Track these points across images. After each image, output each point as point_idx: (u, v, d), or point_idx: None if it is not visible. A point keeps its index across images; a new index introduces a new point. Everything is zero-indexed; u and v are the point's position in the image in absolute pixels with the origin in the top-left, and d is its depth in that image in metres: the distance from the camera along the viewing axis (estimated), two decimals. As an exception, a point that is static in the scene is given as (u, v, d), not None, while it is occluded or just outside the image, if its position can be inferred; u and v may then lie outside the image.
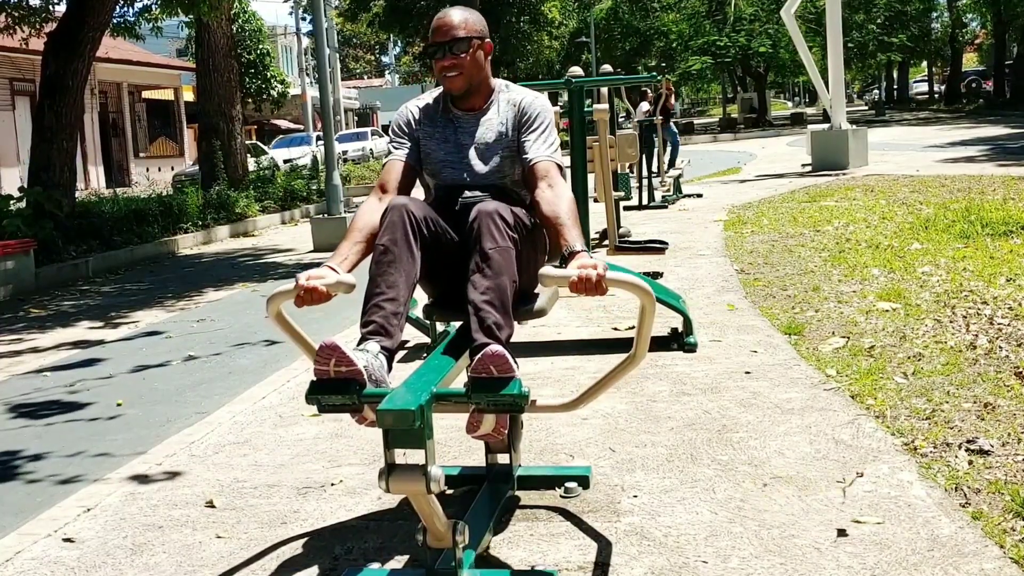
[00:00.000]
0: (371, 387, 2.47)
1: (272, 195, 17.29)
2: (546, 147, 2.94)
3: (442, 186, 3.04)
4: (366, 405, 2.46)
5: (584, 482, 3.27)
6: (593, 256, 2.58)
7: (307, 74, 40.22)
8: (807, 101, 74.24)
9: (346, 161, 27.75)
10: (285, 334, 2.87)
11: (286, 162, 26.69)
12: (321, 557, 2.90)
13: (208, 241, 14.26)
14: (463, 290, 2.69)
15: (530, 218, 2.88)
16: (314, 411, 4.43)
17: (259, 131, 41.23)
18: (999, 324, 4.99)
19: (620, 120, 19.99)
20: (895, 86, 59.59)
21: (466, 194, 2.97)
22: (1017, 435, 3.44)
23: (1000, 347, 4.57)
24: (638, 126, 15.37)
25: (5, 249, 9.64)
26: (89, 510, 3.43)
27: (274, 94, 38.08)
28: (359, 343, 2.59)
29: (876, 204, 10.82)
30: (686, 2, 42.89)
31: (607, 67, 14.22)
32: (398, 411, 2.26)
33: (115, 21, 13.62)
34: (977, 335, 4.82)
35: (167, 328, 7.45)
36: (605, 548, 2.82)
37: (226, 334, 7.04)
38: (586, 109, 8.38)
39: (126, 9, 13.93)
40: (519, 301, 2.79)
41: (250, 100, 36.21)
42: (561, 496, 3.22)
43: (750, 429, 3.77)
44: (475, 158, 3.00)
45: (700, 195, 14.11)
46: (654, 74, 10.82)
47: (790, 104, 75.80)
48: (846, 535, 2.78)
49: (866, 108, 56.35)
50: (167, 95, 32.28)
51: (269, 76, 37.33)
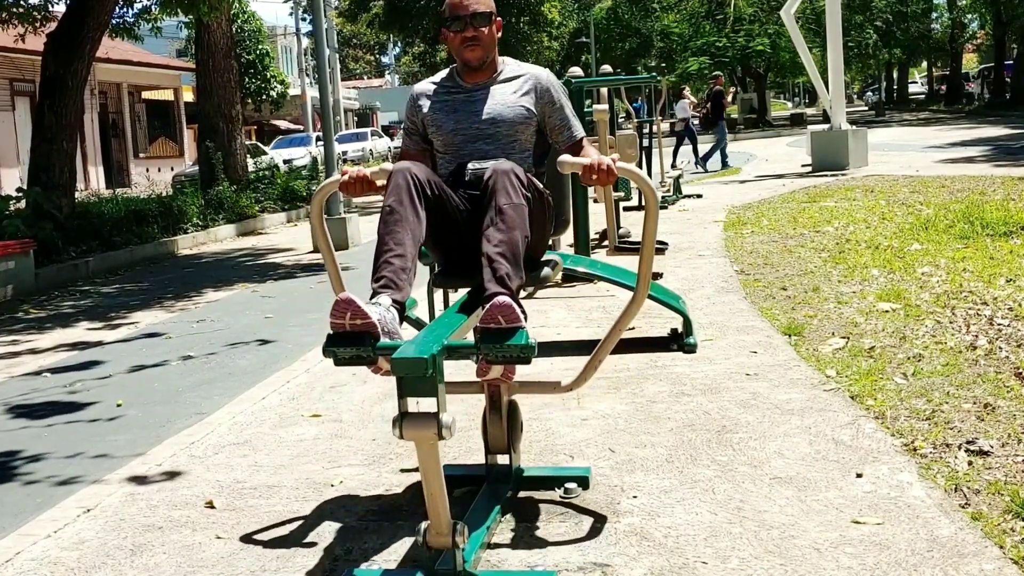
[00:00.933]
0: (384, 339, 2.55)
1: (272, 195, 17.30)
2: (577, 125, 3.26)
3: (453, 155, 3.18)
4: (380, 357, 2.55)
5: (584, 483, 3.27)
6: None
7: (307, 74, 40.21)
8: (807, 102, 74.25)
9: (346, 161, 27.76)
10: (319, 240, 3.09)
11: (286, 162, 26.69)
12: (321, 557, 2.90)
13: (208, 242, 14.26)
14: (470, 256, 2.84)
15: (540, 185, 3.08)
16: (314, 412, 4.46)
17: (259, 131, 41.23)
18: (999, 325, 4.99)
19: (620, 120, 20.00)
20: (895, 86, 59.63)
21: (474, 165, 3.11)
22: (1017, 436, 3.44)
23: (1000, 348, 4.57)
24: (680, 123, 16.01)
25: (5, 249, 9.63)
26: (89, 511, 3.43)
27: (274, 94, 38.10)
28: (371, 297, 2.68)
29: (876, 205, 10.82)
30: (686, 3, 42.90)
31: (607, 67, 14.23)
32: (412, 359, 2.37)
33: (114, 22, 13.61)
34: (977, 336, 4.82)
35: (167, 329, 7.45)
36: (605, 549, 2.82)
37: (226, 335, 7.04)
38: (586, 109, 8.39)
39: (126, 9, 13.93)
40: (527, 267, 2.89)
41: (250, 100, 36.23)
42: (561, 497, 3.22)
43: (750, 430, 3.77)
44: (486, 124, 3.16)
45: (700, 195, 14.10)
46: (654, 74, 10.84)
47: (790, 105, 75.80)
48: (846, 535, 2.79)
49: (866, 108, 56.36)
50: (167, 95, 32.28)
51: (269, 76, 37.35)
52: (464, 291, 3.10)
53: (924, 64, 63.10)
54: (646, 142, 13.32)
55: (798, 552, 2.71)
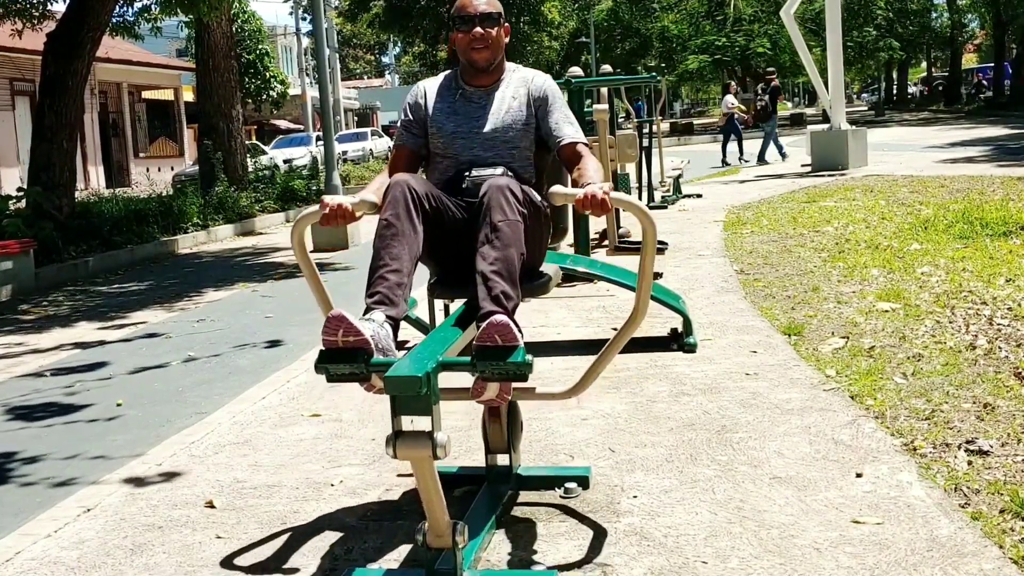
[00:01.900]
0: (378, 356, 2.53)
1: (272, 195, 17.29)
2: (572, 128, 3.14)
3: (452, 160, 3.14)
4: (374, 373, 2.52)
5: (584, 482, 3.27)
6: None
7: (307, 74, 40.22)
8: (807, 101, 74.24)
9: (346, 161, 27.75)
10: (303, 269, 3.01)
11: (286, 162, 26.68)
12: (321, 557, 2.90)
13: (208, 241, 14.27)
14: (467, 266, 2.79)
15: (539, 200, 3.03)
16: (314, 411, 4.46)
17: (259, 131, 41.22)
18: (998, 324, 5.00)
19: (620, 120, 20.02)
20: (895, 86, 59.61)
21: (474, 172, 3.07)
22: (1016, 436, 3.45)
23: (999, 347, 4.57)
24: (723, 117, 16.61)
25: (5, 249, 9.64)
26: (89, 510, 3.43)
27: (274, 94, 38.07)
28: (364, 313, 2.66)
29: (876, 204, 10.82)
30: (686, 2, 42.91)
31: (607, 67, 14.23)
32: (405, 378, 2.33)
33: (114, 21, 13.62)
34: (976, 335, 4.83)
35: (167, 328, 7.45)
36: (605, 548, 2.82)
37: (226, 334, 7.04)
38: (586, 109, 8.39)
39: (126, 9, 13.94)
40: (525, 277, 2.87)
41: (250, 100, 36.21)
42: (561, 496, 3.22)
43: (750, 429, 3.77)
44: (486, 130, 3.12)
45: (700, 195, 14.11)
46: (654, 75, 10.82)
47: (790, 104, 75.79)
48: (846, 535, 2.79)
49: (865, 108, 56.36)
50: (167, 95, 32.27)
51: (269, 76, 37.33)
52: (460, 302, 3.08)
53: (924, 64, 63.07)
54: (646, 142, 13.32)
55: (798, 552, 2.71)
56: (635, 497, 3.18)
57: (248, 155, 19.87)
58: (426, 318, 3.83)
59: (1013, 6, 38.41)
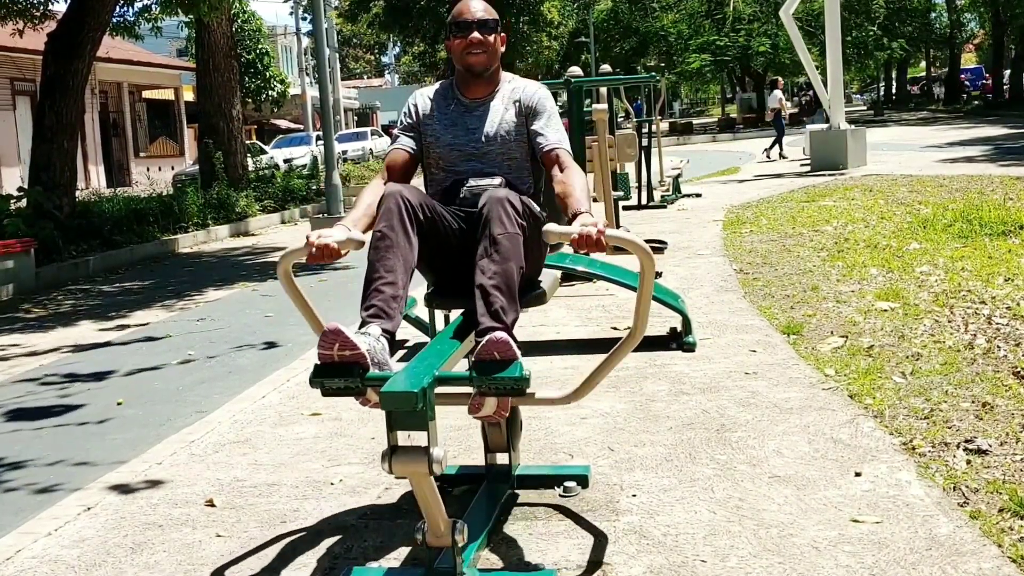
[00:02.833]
0: (374, 370, 2.51)
1: (272, 195, 17.30)
2: (557, 135, 3.07)
3: (448, 172, 3.12)
4: (369, 388, 2.51)
5: (583, 481, 3.27)
6: (594, 216, 2.68)
7: (307, 74, 40.22)
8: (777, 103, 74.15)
9: (345, 161, 27.75)
10: (292, 300, 2.96)
11: (286, 162, 26.70)
12: (321, 556, 2.91)
13: (208, 241, 14.27)
14: (464, 278, 2.77)
15: (538, 210, 3.00)
16: (314, 410, 4.47)
17: (259, 131, 41.22)
18: (997, 324, 5.00)
19: (619, 120, 20.05)
20: (894, 86, 59.59)
21: (471, 183, 3.05)
22: (1015, 435, 3.45)
23: (998, 347, 4.58)
24: (772, 113, 17.17)
25: (5, 249, 9.64)
26: (89, 509, 3.44)
27: (273, 94, 38.06)
28: (360, 327, 2.64)
29: (875, 204, 10.83)
30: (685, 3, 42.90)
31: (606, 67, 14.24)
32: (401, 393, 2.31)
33: (115, 21, 13.62)
34: (975, 335, 4.83)
35: (167, 328, 7.46)
36: (604, 547, 2.83)
37: (226, 334, 7.05)
38: (585, 109, 8.40)
39: (126, 9, 13.94)
40: (523, 288, 2.86)
41: (250, 100, 36.21)
42: (560, 495, 3.22)
43: (749, 428, 3.78)
44: (482, 142, 3.10)
45: (699, 195, 14.12)
46: (653, 74, 10.83)
47: (789, 104, 75.79)
48: (845, 534, 2.79)
49: (865, 108, 56.37)
50: (167, 95, 32.27)
51: (269, 76, 37.32)
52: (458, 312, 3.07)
53: (923, 64, 63.07)
54: (645, 141, 13.35)
55: (797, 551, 2.72)
56: (634, 496, 3.19)
57: (248, 155, 19.88)
58: (426, 317, 3.84)
59: (1012, 6, 38.40)
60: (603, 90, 10.50)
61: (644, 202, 13.19)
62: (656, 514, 3.03)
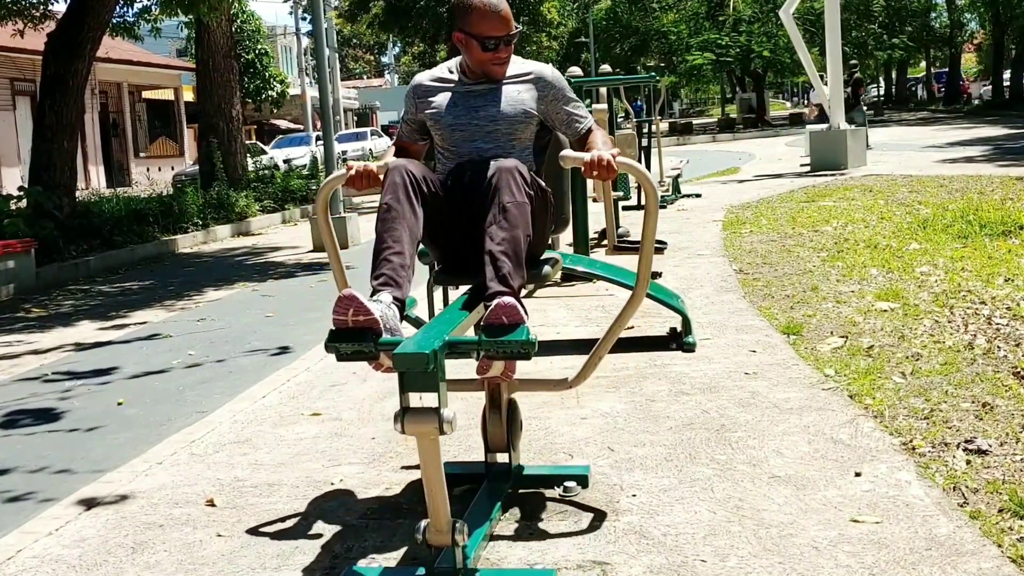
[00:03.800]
0: (386, 335, 2.57)
1: (272, 195, 17.31)
2: (584, 113, 3.25)
3: (452, 152, 3.17)
4: (382, 352, 2.56)
5: (583, 481, 3.28)
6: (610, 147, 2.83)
7: (307, 74, 40.20)
8: (806, 102, 74.24)
9: (345, 161, 27.70)
10: (323, 233, 3.11)
11: (286, 162, 26.70)
12: (321, 556, 2.91)
13: (208, 241, 14.28)
14: (469, 255, 2.87)
15: (542, 183, 3.09)
16: (314, 410, 4.47)
17: (258, 131, 41.23)
18: (997, 324, 5.01)
19: (619, 120, 20.06)
20: (893, 86, 59.56)
21: (474, 163, 3.09)
22: (1015, 435, 3.46)
23: (998, 347, 4.58)
24: (817, 108, 17.79)
25: (5, 249, 9.65)
26: (90, 508, 3.44)
27: (273, 94, 38.07)
28: (371, 295, 2.70)
29: (874, 204, 10.83)
30: (685, 3, 42.90)
31: (606, 67, 14.25)
32: (413, 355, 2.40)
33: (115, 21, 13.63)
34: (975, 335, 4.84)
35: (167, 328, 7.46)
36: (604, 547, 2.83)
37: (226, 334, 7.05)
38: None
39: (126, 9, 13.95)
40: (528, 264, 2.90)
41: (250, 100, 36.22)
42: (560, 495, 3.23)
43: (749, 429, 3.78)
44: (487, 122, 3.14)
45: (699, 195, 14.12)
46: (653, 74, 10.84)
47: (789, 104, 75.81)
48: (844, 534, 2.80)
49: (864, 108, 56.37)
50: (167, 95, 32.29)
51: (268, 76, 37.32)
52: (464, 288, 3.11)
53: (923, 64, 63.07)
54: (644, 141, 13.34)
55: (797, 551, 2.72)
56: (634, 496, 3.19)
57: (248, 155, 19.89)
58: (426, 316, 3.84)
59: (1012, 6, 38.41)
60: (603, 90, 10.49)
61: (644, 202, 13.18)
62: (656, 514, 3.04)
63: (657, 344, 5.18)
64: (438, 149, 3.24)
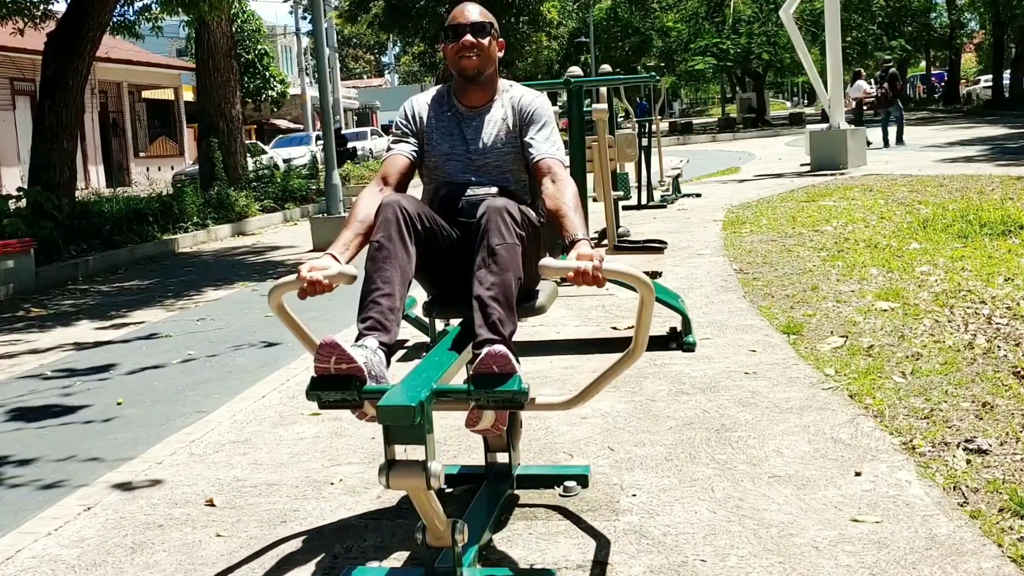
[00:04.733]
0: (371, 383, 2.49)
1: (271, 194, 17.31)
2: (549, 145, 3.02)
3: (445, 181, 3.08)
4: (366, 401, 2.48)
5: (583, 481, 3.27)
6: (593, 247, 2.61)
7: (307, 74, 40.23)
8: (806, 101, 74.23)
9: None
10: (286, 327, 2.90)
11: (285, 161, 26.69)
12: (320, 556, 2.91)
13: (208, 240, 14.28)
14: (463, 287, 2.74)
15: (536, 217, 2.95)
16: (314, 410, 4.47)
17: (258, 131, 41.22)
18: (997, 324, 5.00)
19: (619, 120, 20.07)
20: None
21: (469, 192, 3.02)
22: (1015, 434, 3.45)
23: (998, 347, 4.58)
24: (855, 102, 18.42)
25: (5, 249, 9.64)
26: (89, 509, 3.44)
27: (273, 94, 38.05)
28: (357, 339, 2.62)
29: (875, 204, 10.83)
30: (685, 3, 42.89)
31: (606, 67, 14.23)
32: (398, 407, 2.29)
33: (115, 21, 13.63)
34: (975, 335, 4.83)
35: (167, 327, 7.46)
36: (604, 547, 2.83)
37: (226, 333, 7.05)
38: (585, 109, 8.40)
39: (126, 9, 13.94)
40: (521, 298, 2.83)
41: (250, 100, 36.21)
42: (560, 495, 3.22)
43: (749, 428, 3.78)
44: (479, 154, 3.06)
45: (699, 195, 14.12)
46: (653, 74, 10.83)
47: (789, 104, 75.80)
48: (845, 534, 2.79)
49: (865, 108, 56.38)
50: (167, 95, 32.27)
51: (268, 76, 37.31)
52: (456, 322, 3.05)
53: (922, 64, 63.08)
54: (645, 141, 13.34)
55: (797, 550, 2.72)
56: (634, 496, 3.19)
57: (248, 155, 19.88)
58: (425, 318, 3.83)
59: (1012, 7, 38.38)
60: (603, 90, 10.48)
61: (644, 202, 13.19)
62: (656, 514, 3.03)
63: (657, 344, 5.17)
64: (430, 175, 3.13)
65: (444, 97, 3.16)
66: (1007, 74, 42.12)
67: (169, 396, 5.36)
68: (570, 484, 3.24)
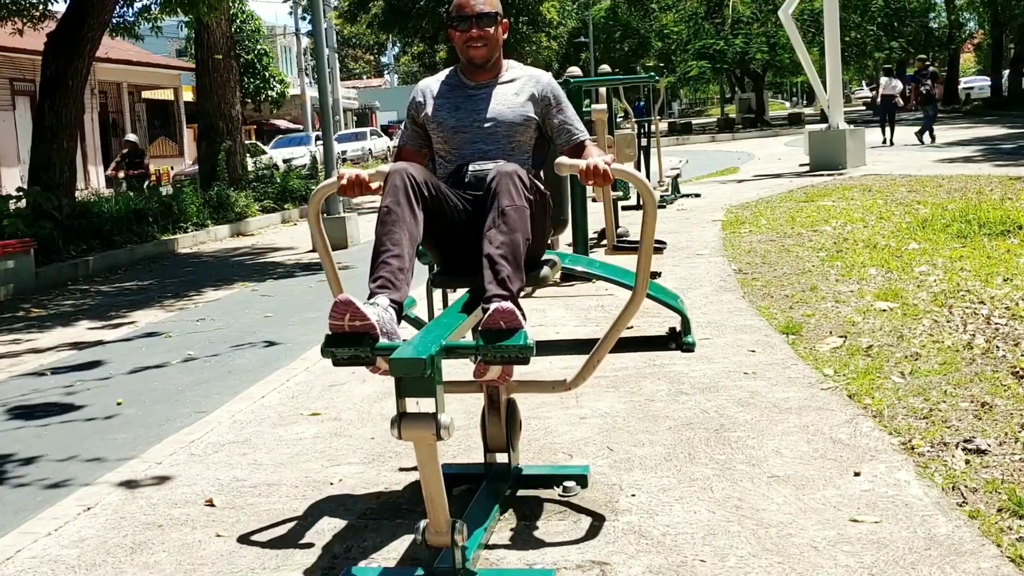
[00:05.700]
0: (383, 340, 2.58)
1: (271, 195, 17.31)
2: (581, 124, 3.28)
3: (453, 156, 3.20)
4: (378, 356, 2.57)
5: (582, 481, 3.28)
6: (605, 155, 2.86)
7: (306, 74, 40.19)
8: (805, 101, 74.23)
9: (345, 161, 27.73)
10: (316, 237, 3.09)
11: (285, 162, 26.69)
12: (320, 556, 2.91)
13: (207, 240, 14.27)
14: (469, 256, 2.87)
15: (542, 186, 3.11)
16: (313, 410, 4.47)
17: (258, 131, 41.21)
18: (996, 324, 5.01)
19: (618, 120, 20.08)
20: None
21: (475, 166, 3.13)
22: (1014, 434, 3.46)
23: (997, 347, 4.58)
24: (882, 98, 19.23)
25: (5, 249, 9.64)
26: (89, 509, 3.44)
27: (273, 94, 38.04)
28: (369, 298, 2.70)
29: (874, 204, 10.83)
30: (684, 4, 42.87)
31: (605, 67, 14.24)
32: (410, 359, 2.39)
33: (114, 21, 13.63)
34: (974, 335, 4.84)
35: (167, 328, 7.46)
36: (603, 547, 2.83)
37: (225, 334, 7.05)
38: (584, 109, 8.40)
39: (126, 9, 13.95)
40: (526, 265, 2.91)
41: (249, 100, 36.21)
42: (560, 495, 3.23)
43: (748, 428, 3.78)
44: (487, 124, 3.18)
45: (698, 195, 14.12)
46: (652, 75, 10.83)
47: (788, 104, 75.77)
48: (844, 534, 2.80)
49: (864, 108, 56.36)
50: (167, 95, 32.27)
51: (268, 76, 37.31)
52: (463, 291, 3.11)
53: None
54: (644, 141, 13.34)
55: (796, 550, 2.72)
56: (634, 496, 3.19)
57: (248, 155, 19.88)
58: (425, 316, 3.84)
59: (1011, 7, 38.39)
60: (602, 90, 10.48)
61: (642, 205, 13.18)
62: (655, 514, 3.04)
63: (656, 344, 5.16)
64: (439, 153, 3.26)
65: (452, 76, 3.29)
66: (1006, 74, 42.14)
67: (169, 396, 5.37)
68: (569, 484, 3.24)
